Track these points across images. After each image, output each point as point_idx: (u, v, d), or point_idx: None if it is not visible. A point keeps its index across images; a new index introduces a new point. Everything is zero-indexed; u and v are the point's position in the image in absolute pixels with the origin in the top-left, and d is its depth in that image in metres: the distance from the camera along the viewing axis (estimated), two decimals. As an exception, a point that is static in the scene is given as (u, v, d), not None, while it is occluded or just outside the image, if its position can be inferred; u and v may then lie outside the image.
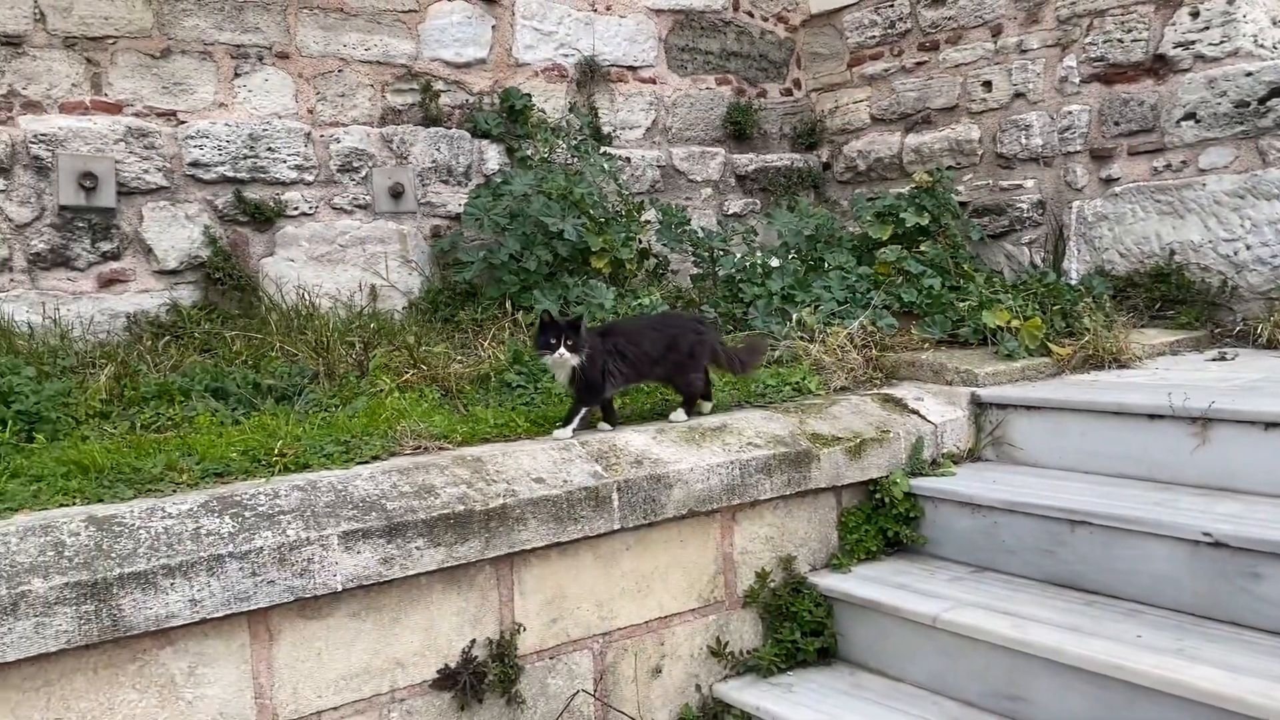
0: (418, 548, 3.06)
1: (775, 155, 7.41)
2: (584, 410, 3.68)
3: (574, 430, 3.66)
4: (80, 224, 4.96)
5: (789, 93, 7.56)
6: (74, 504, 2.95)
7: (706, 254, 6.04)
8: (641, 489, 3.48)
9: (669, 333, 3.87)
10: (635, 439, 3.68)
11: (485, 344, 4.84)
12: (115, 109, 5.09)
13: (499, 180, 5.96)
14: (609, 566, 3.48)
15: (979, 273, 5.75)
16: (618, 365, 3.69)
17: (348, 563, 2.94)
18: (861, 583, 3.86)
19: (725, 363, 4.07)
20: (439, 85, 6.04)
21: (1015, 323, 4.86)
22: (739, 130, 7.22)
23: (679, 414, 3.94)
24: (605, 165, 5.93)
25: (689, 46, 7.05)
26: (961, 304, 5.12)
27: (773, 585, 3.86)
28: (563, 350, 3.52)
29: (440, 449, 3.57)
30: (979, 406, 4.45)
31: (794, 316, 5.10)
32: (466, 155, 6.07)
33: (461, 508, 3.15)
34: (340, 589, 2.94)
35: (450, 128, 6.06)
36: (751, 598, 3.82)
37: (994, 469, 4.28)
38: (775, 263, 5.69)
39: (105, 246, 5.02)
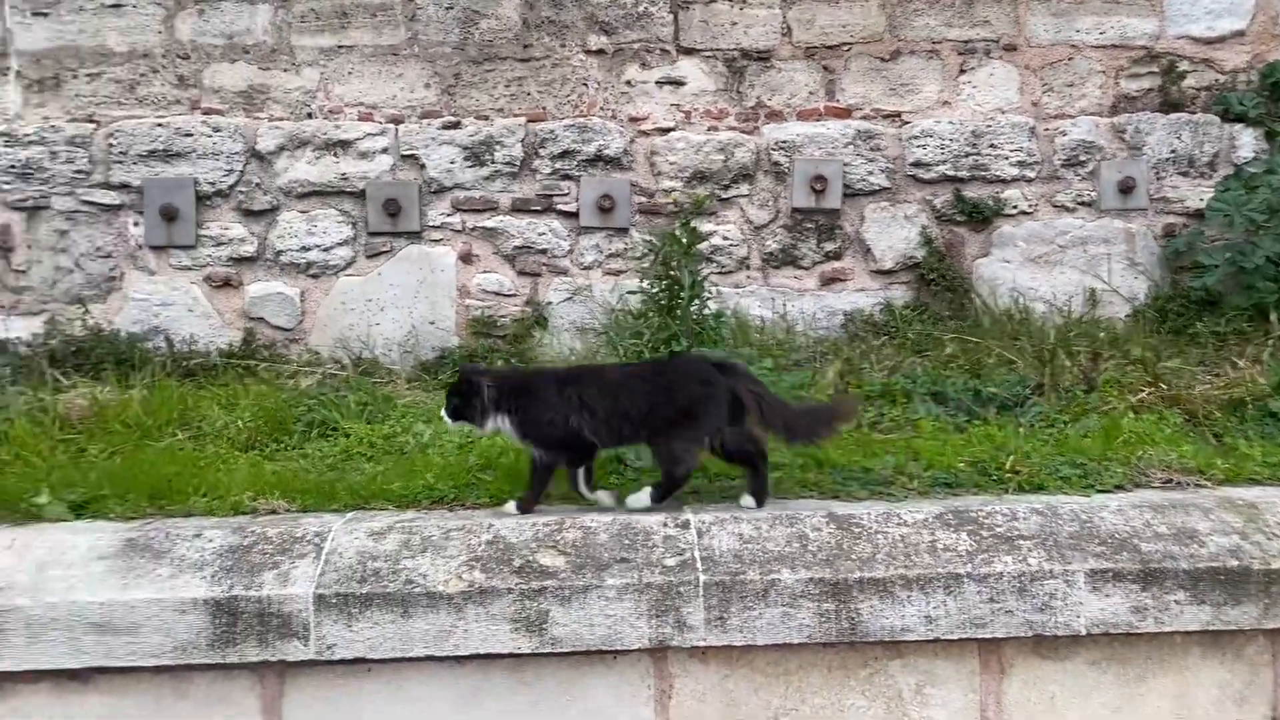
0: (1176, 601, 2.60)
1: None
2: (547, 475, 2.91)
3: (516, 508, 2.88)
4: (808, 225, 5.23)
5: None
6: (811, 497, 3.02)
7: None
8: None
9: (662, 382, 2.89)
10: None
11: (1239, 362, 4.10)
12: (845, 113, 5.27)
13: (1254, 170, 5.07)
14: None
15: None
16: (585, 423, 2.85)
17: (1093, 605, 2.60)
18: None
19: (774, 421, 2.88)
20: (1183, 65, 5.31)
21: None
22: None
23: (638, 497, 2.87)
24: None
25: None
26: None
27: None
28: (445, 415, 2.94)
29: (1197, 486, 3.05)
30: None
31: None
32: (1213, 143, 5.25)
33: (1235, 563, 2.62)
34: (1083, 632, 2.61)
35: (1194, 112, 5.29)
36: None
37: None
38: None
39: (828, 246, 5.24)
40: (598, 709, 2.65)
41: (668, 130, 5.24)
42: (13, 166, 5.04)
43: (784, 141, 5.21)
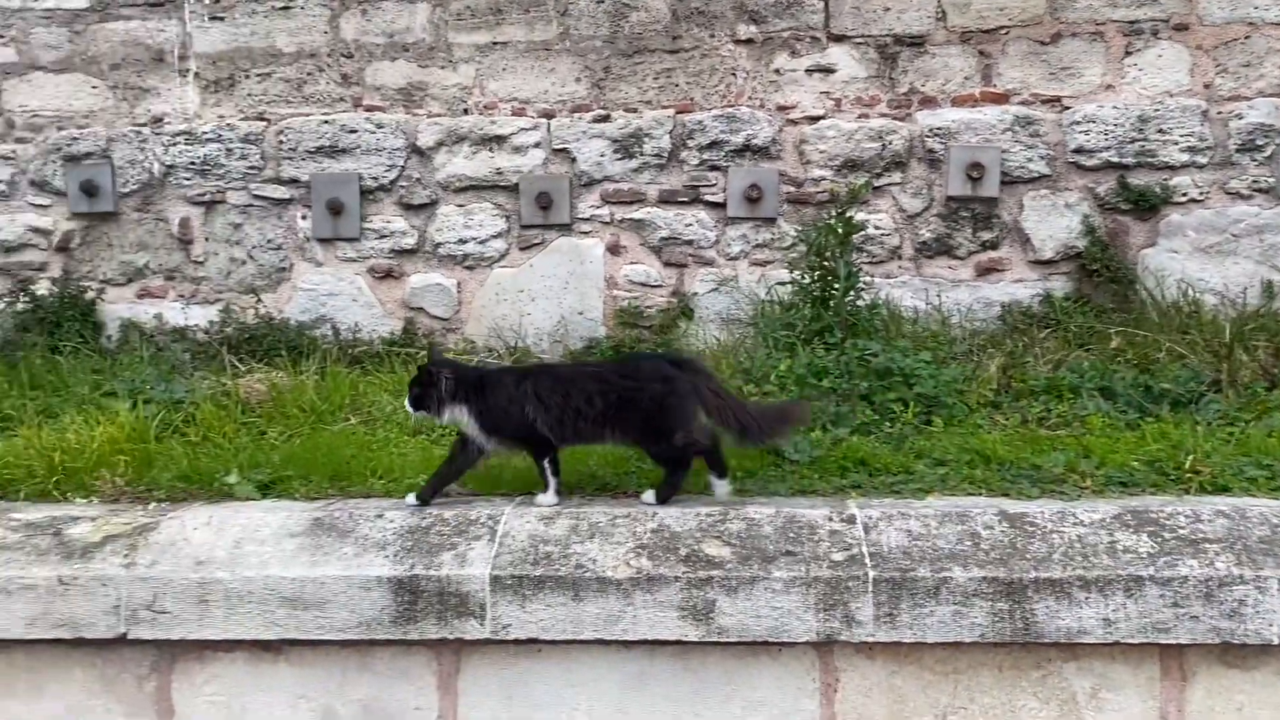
0: (1381, 613, 2.46)
1: None
2: (547, 463, 2.95)
3: (557, 493, 2.94)
4: (964, 214, 5.11)
5: None
6: (979, 494, 2.96)
7: None
8: None
9: (621, 383, 2.90)
10: None
11: None
12: (1002, 99, 5.12)
13: None
14: None
15: None
16: (540, 416, 2.90)
17: (1288, 614, 2.48)
18: None
19: (729, 420, 2.89)
20: (1375, 39, 4.97)
21: None
22: None
23: (649, 494, 2.92)
24: None
25: None
26: None
27: None
28: (407, 405, 3.00)
29: (1401, 490, 2.87)
30: None
31: None
32: None
33: None
34: (1275, 641, 2.49)
35: (1387, 91, 4.96)
36: None
37: None
38: None
39: (985, 236, 5.11)
40: (761, 700, 2.67)
41: (817, 118, 5.19)
42: (192, 163, 5.35)
43: (938, 128, 5.10)
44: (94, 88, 5.45)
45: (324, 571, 2.68)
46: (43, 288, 5.32)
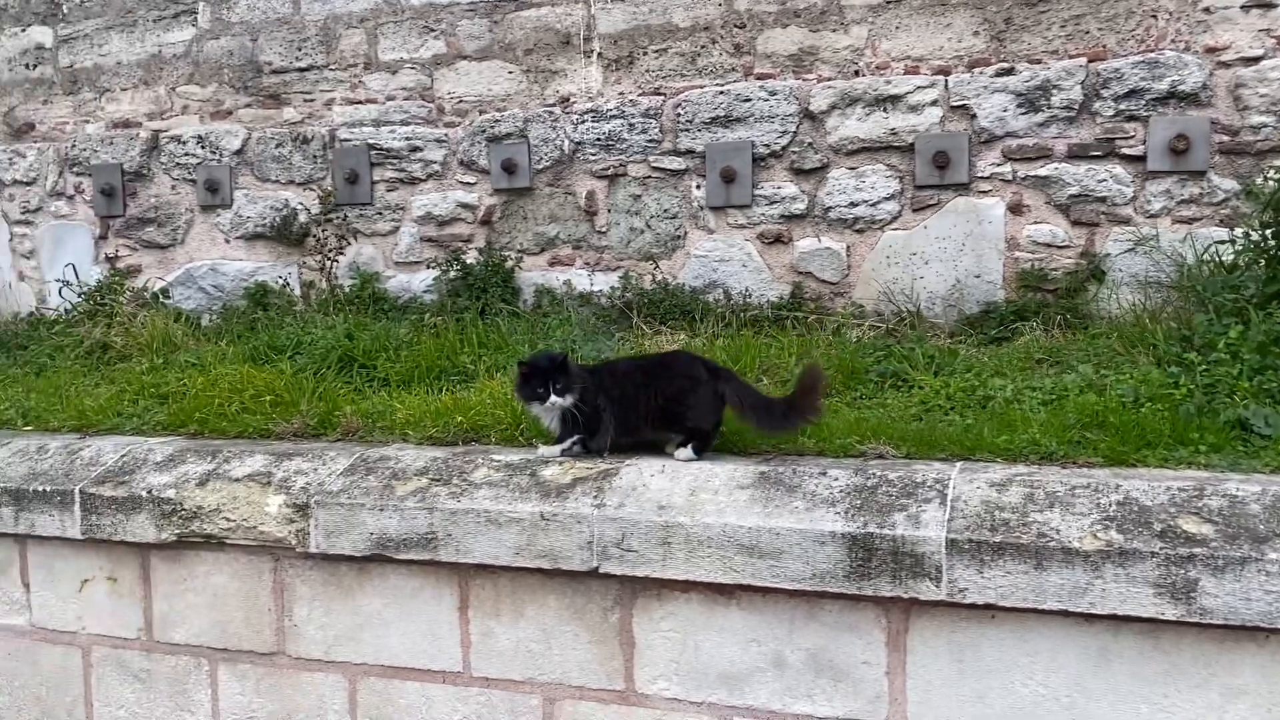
0: None
1: None
2: (575, 438, 3.21)
3: (562, 450, 3.24)
4: None
5: None
6: None
7: None
8: None
9: (660, 376, 3.19)
10: None
11: None
12: None
13: None
14: None
15: None
16: (609, 409, 3.17)
17: None
18: None
19: (748, 412, 3.11)
20: None
21: None
22: None
23: (684, 451, 3.14)
24: None
25: None
26: None
27: None
28: (554, 398, 3.09)
29: None
30: None
31: None
32: None
33: None
34: None
35: None
36: None
37: None
38: None
39: None
40: (1243, 687, 2.48)
41: (1255, 59, 4.66)
42: (597, 139, 5.71)
43: None
44: (510, 73, 5.94)
45: (778, 523, 2.78)
46: (470, 257, 5.91)
